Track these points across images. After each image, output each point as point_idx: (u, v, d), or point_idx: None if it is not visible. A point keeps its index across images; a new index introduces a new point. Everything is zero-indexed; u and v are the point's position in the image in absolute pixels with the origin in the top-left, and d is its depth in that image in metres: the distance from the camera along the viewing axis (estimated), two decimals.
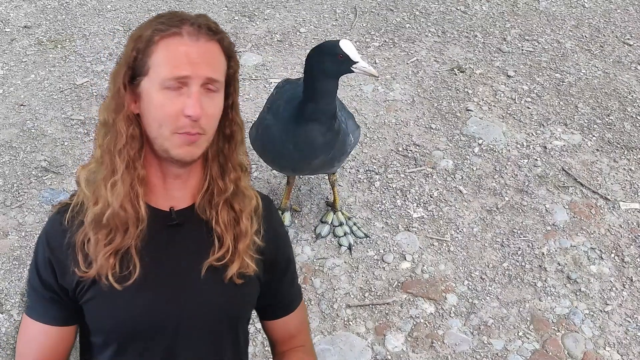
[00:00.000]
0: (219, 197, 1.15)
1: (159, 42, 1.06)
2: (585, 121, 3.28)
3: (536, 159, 3.02)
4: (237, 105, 1.17)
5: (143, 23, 1.11)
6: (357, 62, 2.04)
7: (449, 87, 3.52)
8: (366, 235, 2.59)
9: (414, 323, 2.27)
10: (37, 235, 2.68)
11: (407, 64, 3.72)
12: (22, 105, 3.34)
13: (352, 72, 2.08)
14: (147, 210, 1.12)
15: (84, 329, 1.20)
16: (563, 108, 3.37)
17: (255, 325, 2.13)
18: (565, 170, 2.95)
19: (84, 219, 1.11)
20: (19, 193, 2.79)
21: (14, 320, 2.26)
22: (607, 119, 3.30)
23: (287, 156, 2.22)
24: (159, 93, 1.05)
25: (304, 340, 1.35)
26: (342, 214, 2.65)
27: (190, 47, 1.05)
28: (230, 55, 1.12)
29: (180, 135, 1.06)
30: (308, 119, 2.11)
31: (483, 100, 3.42)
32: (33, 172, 2.91)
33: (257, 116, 3.24)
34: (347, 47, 2.03)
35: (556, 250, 2.56)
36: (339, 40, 2.06)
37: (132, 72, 1.08)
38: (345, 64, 2.05)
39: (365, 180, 2.88)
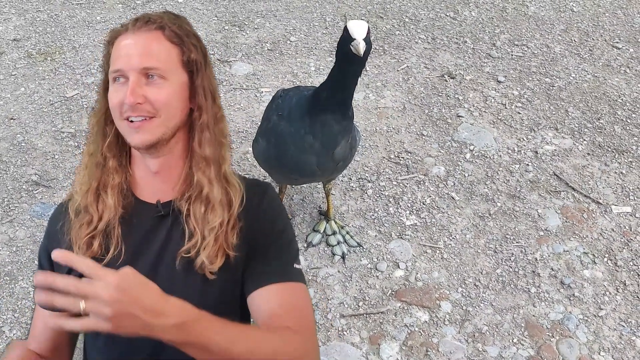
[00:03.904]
0: (192, 191, 1.17)
1: (112, 43, 1.16)
2: (576, 125, 3.29)
3: (527, 164, 3.02)
4: (200, 93, 1.17)
5: None
6: (354, 39, 1.91)
7: (440, 94, 3.52)
8: (359, 244, 2.59)
9: (409, 331, 2.26)
10: (29, 250, 2.66)
11: (398, 71, 3.72)
12: (12, 118, 3.33)
13: (351, 51, 1.92)
14: (133, 201, 1.19)
15: None
16: (553, 112, 3.39)
17: None
18: (556, 175, 2.96)
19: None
20: (9, 208, 2.78)
21: (6, 337, 2.24)
22: (597, 123, 3.31)
23: (309, 151, 2.15)
24: (111, 88, 1.15)
25: (293, 323, 1.11)
26: (335, 222, 2.65)
27: (129, 41, 1.13)
28: (178, 42, 1.15)
29: (126, 122, 1.12)
30: (322, 106, 2.07)
31: (474, 106, 3.43)
32: (24, 186, 2.89)
33: (248, 126, 3.25)
34: (353, 25, 1.94)
35: (549, 256, 2.56)
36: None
37: (108, 75, 1.18)
38: (347, 42, 1.94)
39: (357, 189, 2.88)
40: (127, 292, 0.87)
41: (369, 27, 1.94)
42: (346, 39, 1.94)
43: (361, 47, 1.91)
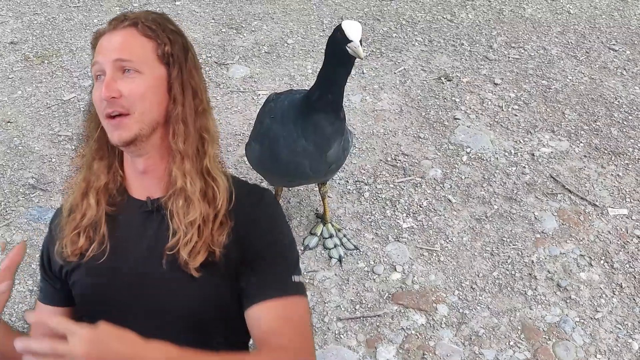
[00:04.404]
0: (174, 187, 1.17)
1: (96, 45, 1.19)
2: (573, 127, 3.30)
3: (524, 167, 3.03)
4: (176, 86, 1.17)
5: None
6: (352, 41, 1.93)
7: (437, 96, 3.53)
8: (356, 247, 2.59)
9: (405, 335, 2.27)
10: (26, 254, 2.66)
11: (395, 73, 3.73)
12: (9, 122, 3.33)
13: (347, 52, 1.95)
14: (126, 198, 1.22)
15: None
16: (550, 115, 3.39)
17: None
18: (553, 177, 2.96)
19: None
20: (6, 211, 2.78)
21: None
22: (594, 125, 3.32)
23: (302, 154, 2.15)
24: (94, 87, 1.18)
25: (288, 341, 1.12)
26: (332, 225, 2.65)
27: (107, 39, 1.16)
28: (153, 36, 1.17)
29: (108, 120, 1.14)
30: (313, 108, 2.07)
31: (470, 108, 3.43)
32: (21, 190, 2.89)
33: (245, 129, 3.26)
34: (349, 25, 1.96)
35: (546, 258, 2.56)
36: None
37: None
38: (342, 43, 1.96)
39: (354, 191, 2.88)
40: (101, 344, 0.89)
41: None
42: (339, 40, 1.95)
43: (361, 49, 1.92)
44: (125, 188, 1.24)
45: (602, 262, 2.55)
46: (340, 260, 2.54)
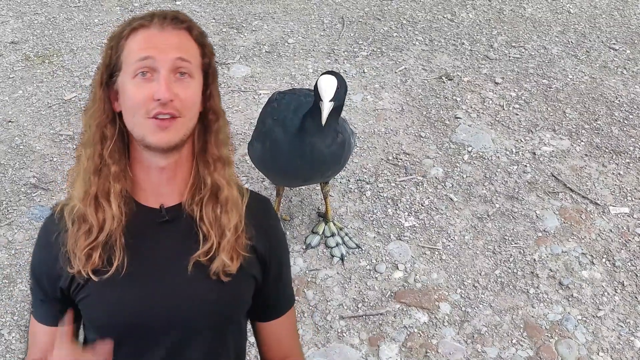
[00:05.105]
0: (203, 193, 1.14)
1: (128, 36, 1.09)
2: (574, 126, 3.31)
3: (525, 165, 3.03)
4: (215, 96, 1.16)
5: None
6: (322, 101, 2.04)
7: (438, 95, 3.53)
8: (358, 246, 2.59)
9: (408, 333, 2.27)
10: (27, 253, 2.66)
11: (396, 72, 3.73)
12: (10, 121, 3.33)
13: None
14: (134, 207, 1.13)
15: (85, 326, 1.23)
16: (551, 114, 3.40)
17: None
18: (554, 176, 2.96)
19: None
20: (8, 210, 2.78)
21: (5, 339, 2.24)
22: (594, 124, 3.32)
23: (299, 168, 2.22)
24: (131, 83, 1.07)
25: (292, 348, 1.32)
26: (334, 224, 2.65)
27: (156, 35, 1.08)
28: (202, 44, 1.13)
29: (152, 120, 1.06)
30: (308, 133, 2.13)
31: (471, 107, 3.44)
32: (22, 189, 2.89)
33: (247, 128, 3.26)
34: (323, 83, 2.05)
35: (547, 257, 2.57)
36: (329, 72, 2.09)
37: (109, 70, 1.11)
38: (318, 96, 2.06)
39: (356, 190, 2.88)
40: None
41: (338, 81, 2.04)
42: (317, 91, 2.05)
43: (325, 114, 2.02)
44: (132, 194, 1.15)
45: (603, 260, 2.55)
46: (342, 258, 2.54)
